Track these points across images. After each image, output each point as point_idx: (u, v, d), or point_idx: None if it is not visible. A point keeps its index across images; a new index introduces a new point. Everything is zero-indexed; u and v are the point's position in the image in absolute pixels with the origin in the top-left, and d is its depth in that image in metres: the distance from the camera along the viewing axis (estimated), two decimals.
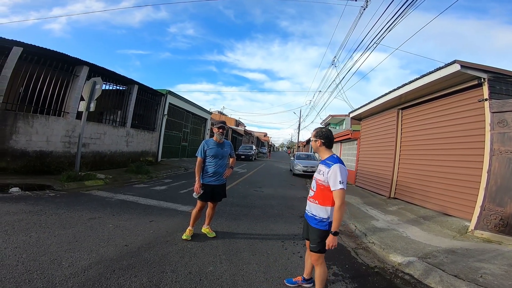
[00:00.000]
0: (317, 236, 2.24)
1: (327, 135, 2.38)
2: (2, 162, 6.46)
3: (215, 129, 3.60)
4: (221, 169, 3.63)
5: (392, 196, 7.83)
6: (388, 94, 7.79)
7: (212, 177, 3.57)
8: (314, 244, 2.26)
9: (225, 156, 3.71)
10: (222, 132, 3.60)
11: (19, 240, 2.95)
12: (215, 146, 3.60)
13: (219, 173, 3.61)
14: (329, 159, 2.26)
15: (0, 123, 6.48)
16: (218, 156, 3.59)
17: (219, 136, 3.61)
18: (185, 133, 17.40)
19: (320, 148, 2.38)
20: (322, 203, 2.23)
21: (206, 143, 3.62)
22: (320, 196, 2.25)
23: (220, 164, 3.62)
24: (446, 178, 5.73)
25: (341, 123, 27.77)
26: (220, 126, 3.57)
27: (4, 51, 6.66)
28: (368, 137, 10.71)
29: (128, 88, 11.27)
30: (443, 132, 6.04)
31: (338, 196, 2.11)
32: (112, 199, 5.46)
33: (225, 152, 3.69)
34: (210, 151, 3.56)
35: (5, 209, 3.99)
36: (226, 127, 3.69)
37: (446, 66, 5.20)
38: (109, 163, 9.81)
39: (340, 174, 2.12)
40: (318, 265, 2.32)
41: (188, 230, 3.67)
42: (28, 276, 2.23)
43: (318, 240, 2.23)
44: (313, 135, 2.43)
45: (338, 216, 2.11)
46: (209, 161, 3.58)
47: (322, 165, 2.30)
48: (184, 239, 3.55)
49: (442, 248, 3.82)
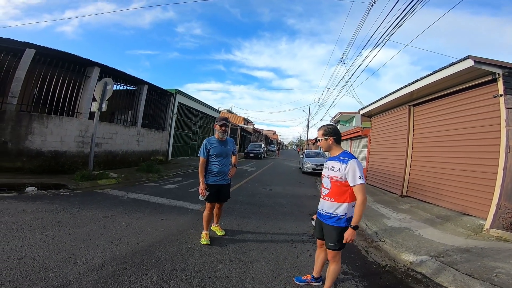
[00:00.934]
0: (336, 234, 2.21)
1: (336, 131, 2.35)
2: (18, 162, 6.68)
3: (217, 127, 3.44)
4: (225, 168, 3.50)
5: (404, 194, 7.69)
6: (400, 90, 7.64)
7: (217, 177, 3.43)
8: (333, 242, 2.23)
9: (229, 154, 3.58)
10: (224, 129, 3.45)
11: (35, 238, 3.05)
12: (218, 144, 3.44)
13: (224, 172, 3.48)
14: (343, 155, 2.23)
15: (16, 124, 6.70)
16: (222, 154, 3.45)
17: (221, 133, 3.44)
18: (194, 132, 17.54)
19: (332, 145, 2.34)
20: (338, 199, 2.20)
21: (208, 142, 3.45)
22: (336, 193, 2.22)
23: (225, 163, 3.48)
24: (461, 175, 5.58)
25: (350, 120, 27.41)
26: (222, 124, 3.42)
27: (17, 53, 6.85)
28: (378, 134, 10.54)
29: (138, 88, 11.43)
30: (457, 128, 5.88)
31: (360, 190, 2.09)
32: (124, 198, 5.57)
33: (229, 150, 3.55)
34: (214, 150, 3.41)
35: (22, 208, 4.13)
36: (228, 124, 3.52)
37: (459, 61, 5.07)
38: (121, 162, 10.00)
39: (359, 169, 2.12)
40: (334, 262, 2.31)
41: (205, 233, 3.52)
42: (44, 274, 2.29)
43: (338, 238, 2.21)
44: (322, 134, 2.36)
45: (360, 210, 2.09)
46: (213, 161, 3.43)
47: (335, 162, 2.25)
48: (205, 244, 3.38)
49: (456, 247, 3.74)
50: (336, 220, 2.21)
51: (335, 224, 2.22)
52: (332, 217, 2.23)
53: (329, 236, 2.27)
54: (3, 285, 2.06)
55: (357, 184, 2.09)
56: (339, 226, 2.21)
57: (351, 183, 2.12)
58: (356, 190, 2.11)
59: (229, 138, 3.68)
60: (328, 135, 2.32)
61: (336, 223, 2.21)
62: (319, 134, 2.41)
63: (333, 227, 2.23)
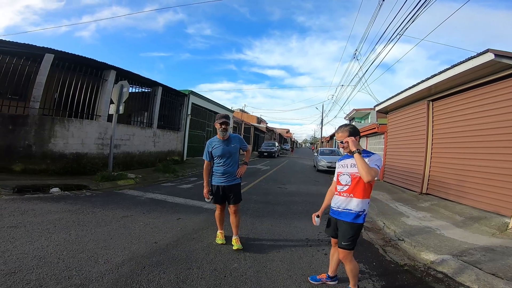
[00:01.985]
0: (353, 233, 2.19)
1: (357, 130, 2.36)
2: (42, 164, 7.00)
3: (217, 125, 3.18)
4: (231, 168, 3.28)
5: (424, 191, 7.45)
6: (417, 85, 7.39)
7: (221, 178, 3.26)
8: (349, 241, 2.19)
9: (234, 153, 3.32)
10: (225, 128, 3.17)
11: (60, 238, 3.19)
12: (221, 145, 3.23)
13: (230, 172, 3.27)
14: (365, 152, 2.23)
15: (39, 128, 7.01)
16: (225, 154, 3.23)
17: (222, 132, 3.19)
18: (208, 132, 17.74)
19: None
20: (358, 195, 2.18)
21: (210, 144, 3.27)
22: (355, 189, 2.19)
23: (229, 163, 3.26)
24: (484, 172, 5.35)
25: (366, 117, 26.83)
26: (223, 121, 3.14)
27: (37, 58, 7.15)
28: (395, 130, 10.26)
29: (152, 90, 11.69)
30: (480, 123, 5.63)
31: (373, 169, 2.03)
32: (142, 198, 5.72)
33: (233, 148, 3.29)
34: (216, 151, 3.22)
35: (47, 209, 4.33)
36: (229, 122, 3.27)
37: (478, 55, 4.87)
38: (138, 163, 10.28)
39: (380, 161, 2.18)
40: (347, 262, 2.28)
41: (219, 233, 3.50)
42: (68, 273, 2.39)
43: (354, 237, 2.19)
44: (346, 135, 2.25)
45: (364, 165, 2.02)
46: (217, 162, 3.26)
47: None
48: (220, 243, 3.39)
49: (479, 245, 3.60)
50: (355, 218, 2.19)
51: (353, 221, 2.19)
52: (351, 214, 2.20)
53: (345, 233, 2.22)
54: (29, 284, 2.16)
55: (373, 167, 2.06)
56: (357, 223, 2.19)
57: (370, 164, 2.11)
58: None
59: (234, 134, 3.45)
60: (353, 135, 2.26)
61: (354, 220, 2.19)
62: (342, 136, 2.29)
63: (351, 224, 2.20)
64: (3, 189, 5.00)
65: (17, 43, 6.96)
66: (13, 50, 6.95)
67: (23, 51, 6.97)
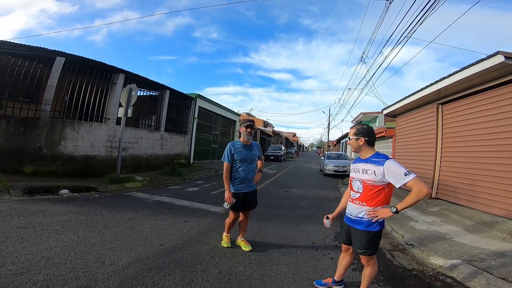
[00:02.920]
0: (367, 240, 2.11)
1: (370, 132, 2.20)
2: (52, 166, 7.13)
3: (243, 129, 3.22)
4: (251, 174, 3.27)
5: (433, 196, 7.31)
6: (426, 88, 7.30)
7: (242, 184, 3.22)
8: (364, 248, 2.13)
9: (254, 160, 3.36)
10: (250, 132, 3.22)
11: (67, 239, 3.22)
12: (243, 149, 3.23)
13: (249, 179, 3.26)
14: (376, 157, 2.10)
15: (50, 130, 7.15)
16: (247, 160, 3.22)
17: (246, 136, 3.23)
18: (215, 136, 17.82)
19: (363, 146, 2.19)
20: (370, 203, 2.08)
21: (232, 146, 3.23)
22: (368, 197, 2.09)
23: (250, 169, 3.26)
24: (495, 176, 5.22)
25: (373, 120, 26.55)
26: (248, 125, 3.20)
27: (48, 61, 7.32)
28: (404, 134, 10.13)
29: (160, 94, 11.81)
30: (490, 126, 5.51)
31: (414, 184, 1.87)
32: (149, 200, 5.76)
33: (254, 155, 3.33)
34: (238, 155, 3.18)
35: (57, 210, 4.40)
36: (254, 127, 3.33)
37: (488, 57, 4.81)
38: (146, 165, 10.37)
39: (399, 166, 1.96)
40: (369, 266, 2.24)
41: (225, 236, 3.47)
42: (75, 274, 2.41)
43: (368, 244, 2.11)
44: (353, 133, 2.23)
45: (412, 198, 1.87)
46: (237, 166, 3.21)
47: (368, 164, 2.11)
48: (225, 246, 3.38)
49: (490, 250, 3.53)
50: (368, 226, 2.10)
51: (367, 229, 2.11)
52: (363, 222, 2.12)
53: (358, 241, 2.16)
54: (36, 284, 2.18)
55: (408, 181, 1.88)
56: (371, 231, 2.10)
57: (399, 183, 1.92)
58: (410, 185, 1.89)
59: (255, 142, 3.46)
60: (359, 135, 2.19)
61: (368, 228, 2.10)
62: (350, 132, 2.28)
63: (364, 232, 2.12)
64: (13, 190, 5.11)
65: (30, 46, 7.15)
66: (25, 53, 7.15)
67: (35, 54, 7.16)
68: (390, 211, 1.96)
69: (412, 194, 1.88)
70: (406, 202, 1.92)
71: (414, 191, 1.87)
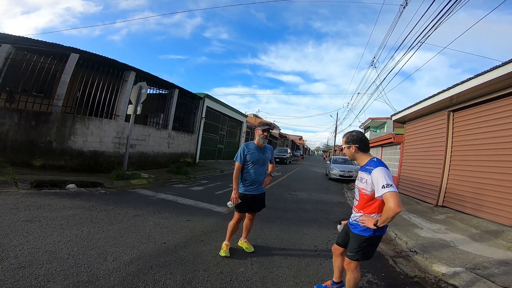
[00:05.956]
0: (358, 245, 2.11)
1: (360, 138, 2.17)
2: (61, 160, 7.24)
3: (259, 131, 3.19)
4: (261, 177, 3.22)
5: (440, 204, 7.17)
6: (437, 95, 7.16)
7: (251, 186, 3.16)
8: (353, 252, 2.14)
9: (266, 162, 3.30)
10: (267, 135, 3.19)
11: (72, 234, 3.25)
12: (256, 151, 3.17)
13: (259, 182, 3.21)
14: (369, 164, 2.07)
15: (61, 125, 7.28)
16: (259, 162, 3.17)
17: (262, 139, 3.17)
18: (221, 136, 17.87)
19: (356, 154, 2.17)
20: (366, 212, 2.09)
21: (246, 147, 3.18)
22: (363, 206, 2.11)
23: (261, 172, 3.21)
24: (504, 186, 5.13)
25: (382, 126, 26.25)
26: (266, 129, 3.18)
27: (63, 58, 7.46)
28: (412, 141, 9.96)
29: (169, 92, 11.91)
30: (502, 136, 5.40)
31: (386, 198, 1.82)
32: (154, 198, 5.79)
33: (266, 158, 3.27)
34: (251, 156, 3.13)
35: (62, 204, 4.45)
36: (271, 130, 3.33)
37: (503, 64, 4.72)
38: (152, 163, 10.45)
39: (383, 177, 1.88)
40: (349, 270, 2.21)
41: (225, 245, 3.24)
42: (76, 269, 2.42)
43: (358, 249, 2.11)
44: (344, 141, 2.23)
45: (386, 216, 1.84)
46: (249, 168, 3.15)
47: (362, 172, 2.12)
48: (224, 256, 3.11)
49: (494, 259, 3.48)
50: (362, 230, 2.10)
51: (360, 233, 2.11)
52: (357, 226, 2.14)
53: (351, 243, 2.19)
54: (37, 278, 2.19)
55: (383, 194, 1.84)
56: (363, 235, 2.08)
57: (376, 194, 1.92)
58: (384, 199, 1.86)
59: (268, 145, 3.40)
60: (350, 143, 2.17)
61: (361, 232, 2.10)
62: (342, 141, 2.30)
63: (357, 236, 2.13)
64: (21, 183, 5.20)
65: (46, 42, 7.29)
66: (42, 49, 7.31)
67: (50, 50, 7.32)
68: (373, 224, 1.96)
69: (384, 210, 1.88)
70: (382, 217, 1.91)
71: (385, 207, 1.86)
